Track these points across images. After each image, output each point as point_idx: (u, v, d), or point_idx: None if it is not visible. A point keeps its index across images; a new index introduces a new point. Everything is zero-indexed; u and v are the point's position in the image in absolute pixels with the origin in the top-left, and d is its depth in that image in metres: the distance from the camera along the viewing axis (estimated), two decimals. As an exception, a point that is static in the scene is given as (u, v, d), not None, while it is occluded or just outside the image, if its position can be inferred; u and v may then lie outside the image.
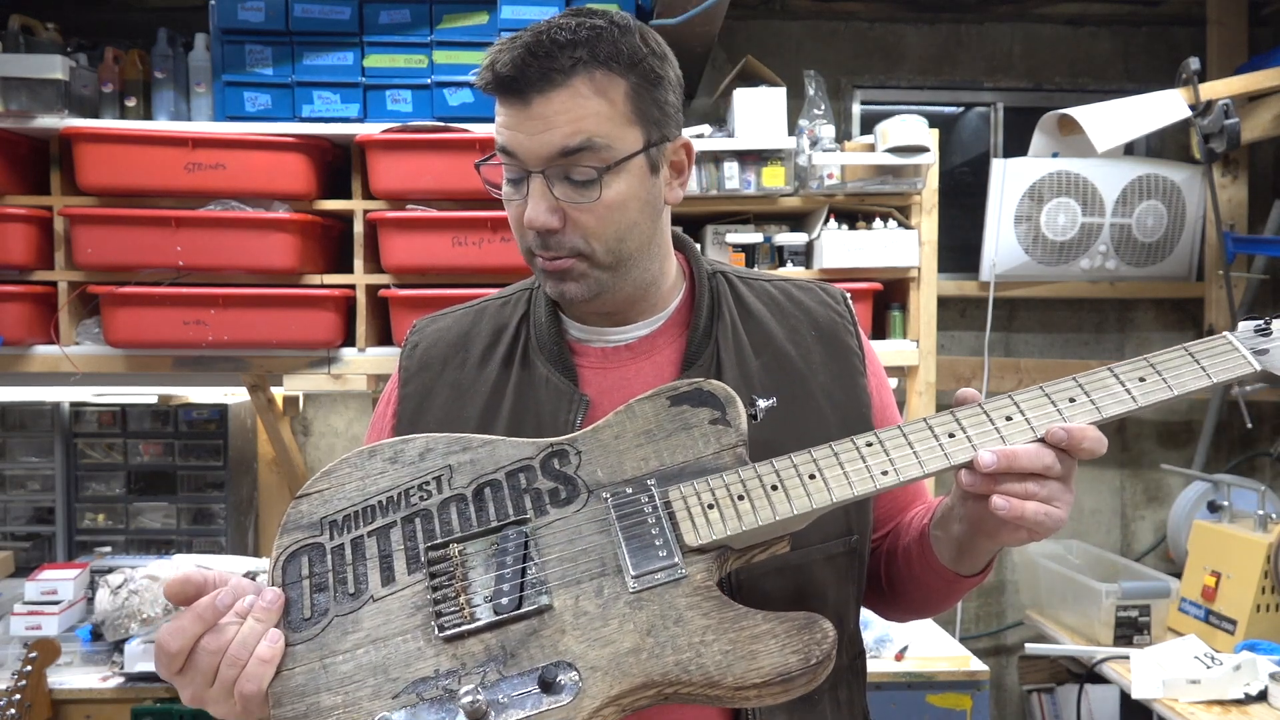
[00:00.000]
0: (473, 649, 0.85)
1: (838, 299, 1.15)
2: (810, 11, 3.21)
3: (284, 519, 0.93)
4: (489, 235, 2.39)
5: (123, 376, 2.59)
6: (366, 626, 0.87)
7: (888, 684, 2.28)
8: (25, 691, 2.07)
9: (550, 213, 0.97)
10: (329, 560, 0.90)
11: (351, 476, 0.95)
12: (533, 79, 0.95)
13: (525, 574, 0.87)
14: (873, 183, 2.61)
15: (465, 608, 0.86)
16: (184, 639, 0.83)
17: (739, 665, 0.82)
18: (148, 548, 2.84)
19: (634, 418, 0.96)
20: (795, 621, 0.84)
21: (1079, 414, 0.90)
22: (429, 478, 0.94)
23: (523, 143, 0.96)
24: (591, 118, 0.95)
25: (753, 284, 1.14)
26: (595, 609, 0.86)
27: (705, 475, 0.91)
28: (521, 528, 0.90)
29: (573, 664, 0.83)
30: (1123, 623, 2.54)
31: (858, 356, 1.11)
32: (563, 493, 0.92)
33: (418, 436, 0.97)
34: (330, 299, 2.42)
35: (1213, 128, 2.77)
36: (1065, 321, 3.32)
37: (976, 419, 0.90)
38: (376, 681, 0.84)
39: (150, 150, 2.35)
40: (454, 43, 2.48)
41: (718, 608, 0.85)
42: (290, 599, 0.88)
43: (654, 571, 0.86)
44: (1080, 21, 3.28)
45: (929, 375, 2.66)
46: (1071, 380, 0.92)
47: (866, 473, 0.89)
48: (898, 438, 0.90)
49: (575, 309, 1.09)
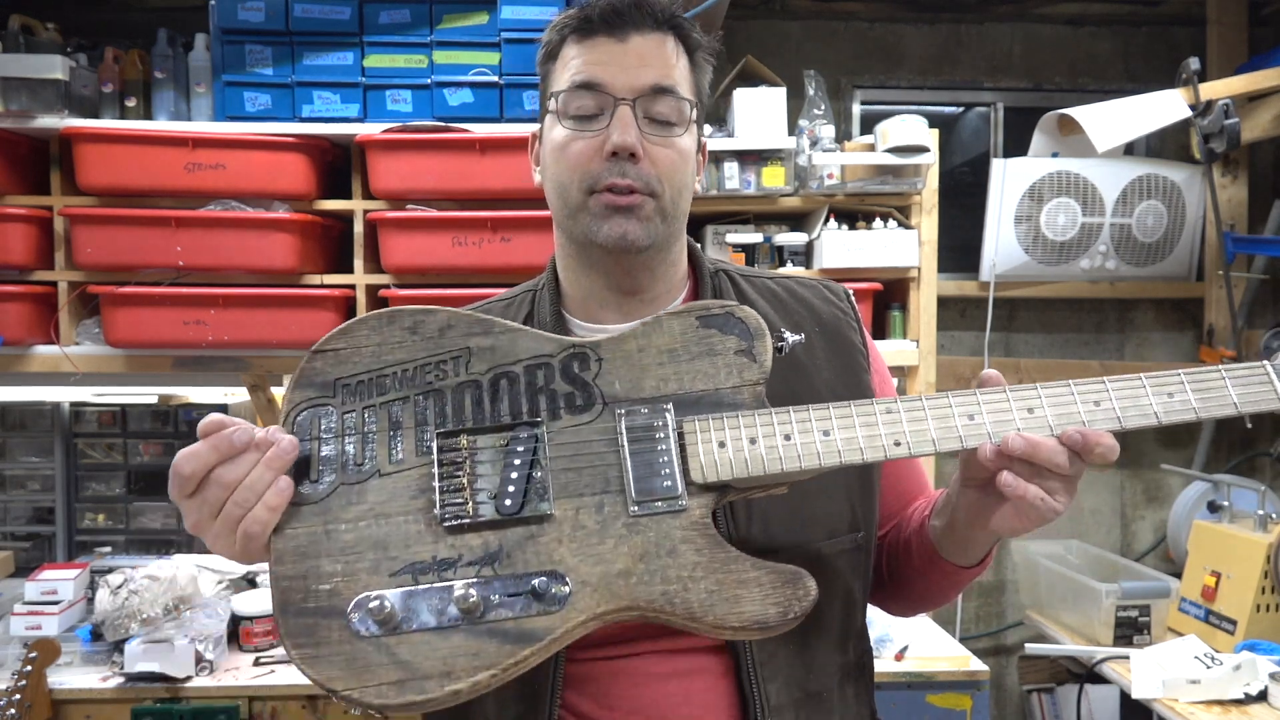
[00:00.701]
0: (471, 542, 0.87)
1: (841, 295, 1.15)
2: (810, 11, 3.21)
3: (297, 373, 0.93)
4: (489, 235, 2.39)
5: (123, 376, 2.59)
6: (370, 500, 0.88)
7: (888, 684, 2.28)
8: (25, 691, 2.07)
9: (637, 139, 1.00)
10: (339, 425, 0.91)
11: (369, 340, 0.94)
12: (633, 19, 1.02)
13: (531, 477, 0.89)
14: (873, 183, 2.61)
15: (469, 501, 0.88)
16: (197, 464, 0.85)
17: (721, 606, 0.85)
18: (148, 548, 2.84)
19: (660, 332, 0.95)
20: (781, 574, 0.86)
21: (1100, 419, 0.89)
22: (447, 356, 0.94)
23: (615, 74, 1.00)
24: (676, 69, 1.03)
25: (755, 281, 1.15)
26: (593, 524, 0.88)
27: (721, 410, 0.91)
28: (534, 430, 0.91)
29: (565, 576, 0.86)
30: (1123, 623, 2.54)
31: (861, 353, 1.11)
32: (578, 399, 0.92)
33: (440, 310, 0.96)
34: (330, 299, 2.42)
35: (1213, 128, 2.77)
36: (1065, 321, 3.32)
37: (999, 405, 0.90)
38: (375, 556, 0.86)
39: (150, 150, 2.35)
40: (454, 43, 2.48)
41: (710, 546, 0.87)
42: (300, 455, 0.89)
43: (656, 499, 0.88)
44: (1080, 21, 3.28)
45: (929, 375, 2.66)
46: (1102, 383, 0.90)
47: (879, 439, 0.89)
48: (918, 410, 0.90)
49: (581, 304, 1.09)
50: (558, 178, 1.03)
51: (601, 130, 1.00)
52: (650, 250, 1.03)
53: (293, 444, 0.87)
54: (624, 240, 1.01)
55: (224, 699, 2.20)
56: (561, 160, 1.03)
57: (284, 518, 0.87)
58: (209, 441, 0.85)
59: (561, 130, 1.02)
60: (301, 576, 0.85)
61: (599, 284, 1.07)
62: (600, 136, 1.00)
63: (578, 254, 1.07)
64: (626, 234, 1.00)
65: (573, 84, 1.01)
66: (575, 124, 1.02)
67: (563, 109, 1.02)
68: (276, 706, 2.22)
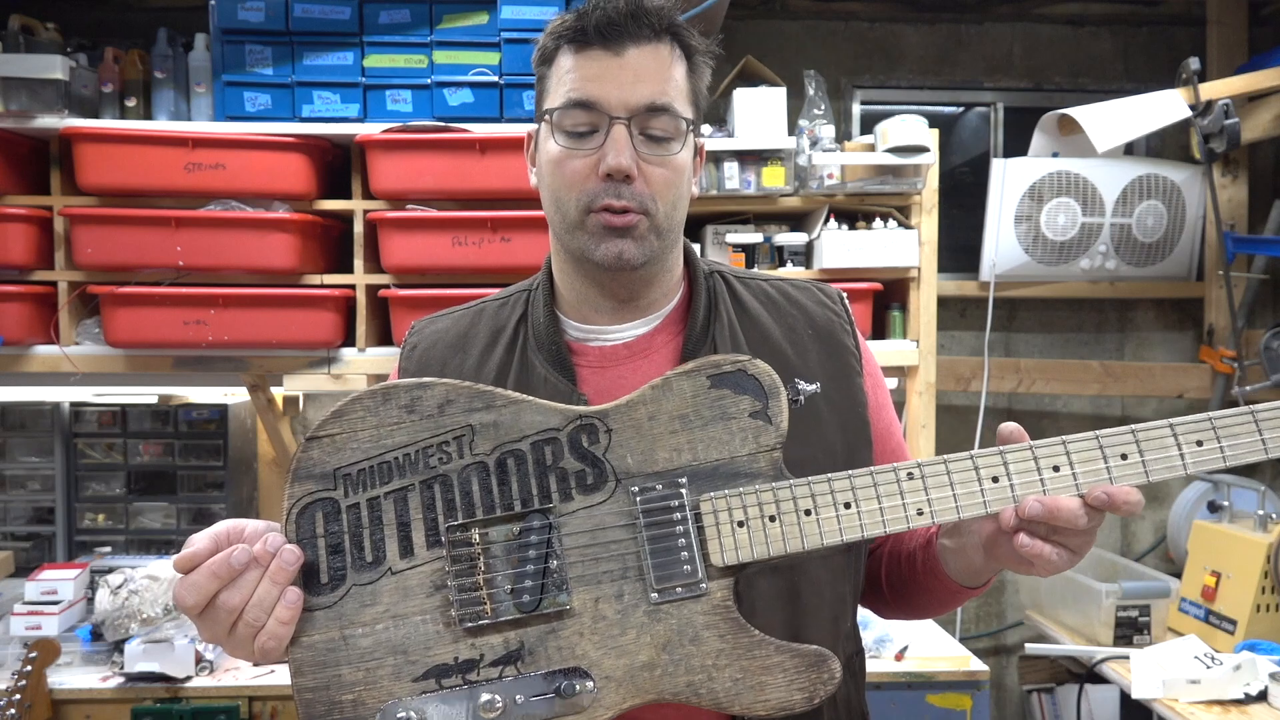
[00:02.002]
0: (491, 640, 0.86)
1: (834, 298, 1.15)
2: (810, 11, 3.21)
3: (294, 463, 0.90)
4: (489, 235, 2.39)
5: (123, 376, 2.59)
6: (385, 601, 0.87)
7: (888, 684, 2.28)
8: (25, 691, 2.07)
9: (632, 159, 0.99)
10: (344, 520, 0.89)
11: (365, 423, 0.90)
12: (630, 30, 0.99)
13: (547, 570, 0.88)
14: (873, 183, 2.61)
15: (486, 602, 0.87)
16: (199, 595, 0.83)
17: (747, 695, 0.85)
18: (148, 548, 2.84)
19: (670, 396, 0.91)
20: (805, 657, 0.86)
21: (1128, 474, 0.86)
22: (449, 437, 0.90)
23: (610, 91, 0.99)
24: (673, 82, 1.02)
25: (749, 283, 1.14)
26: (614, 614, 0.87)
27: (739, 481, 0.89)
28: (546, 518, 0.89)
29: (588, 672, 0.85)
30: (1123, 623, 2.54)
31: (854, 356, 1.11)
32: (589, 477, 0.90)
33: (436, 382, 0.92)
34: (330, 299, 2.42)
35: (1213, 128, 2.77)
36: (1065, 321, 3.32)
37: (1024, 465, 0.87)
38: (396, 662, 0.85)
39: (150, 150, 2.35)
40: (454, 43, 2.48)
41: (733, 631, 0.87)
42: (306, 560, 0.87)
43: (676, 585, 0.87)
44: (1080, 21, 3.28)
45: (929, 375, 2.66)
46: (1129, 433, 0.87)
47: (902, 510, 0.88)
48: (941, 475, 0.88)
49: (575, 306, 1.09)
50: (554, 193, 1.04)
51: (596, 148, 1.00)
52: (646, 266, 1.04)
53: (295, 555, 0.85)
54: (620, 260, 1.01)
55: (224, 699, 2.20)
56: (558, 176, 1.02)
57: (299, 626, 0.85)
58: (207, 569, 0.83)
59: (556, 145, 1.02)
60: (324, 688, 0.84)
61: (594, 293, 1.08)
62: (595, 156, 1.00)
63: (573, 264, 1.07)
64: (622, 254, 1.01)
65: (568, 100, 1.00)
66: (570, 140, 1.01)
67: (557, 124, 1.02)
68: (276, 706, 2.22)
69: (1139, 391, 3.21)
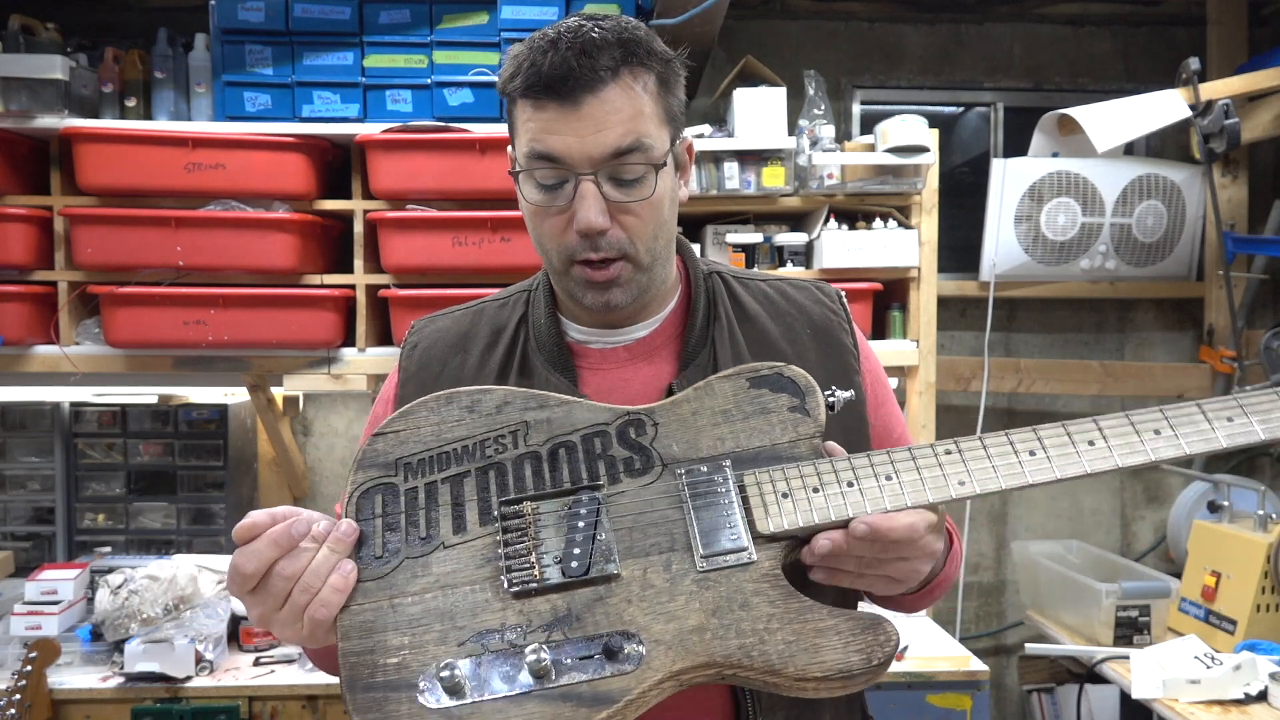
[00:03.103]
0: (539, 607, 0.86)
1: (833, 297, 1.15)
2: (810, 11, 3.21)
3: (359, 455, 0.94)
4: (489, 235, 2.39)
5: (123, 376, 2.59)
6: (436, 572, 0.88)
7: (888, 684, 2.28)
8: (25, 691, 2.07)
9: (602, 214, 0.97)
10: (402, 502, 0.92)
11: (428, 420, 0.96)
12: (584, 79, 0.93)
13: (595, 539, 0.88)
14: (873, 183, 2.61)
15: (535, 566, 0.87)
16: (259, 562, 0.85)
17: (802, 657, 0.83)
18: (148, 548, 2.84)
19: (712, 395, 0.96)
20: (860, 621, 0.85)
21: (1162, 446, 0.89)
22: (505, 431, 0.95)
23: (572, 145, 0.95)
24: (638, 117, 0.97)
25: (748, 284, 1.15)
26: (662, 583, 0.87)
27: (781, 463, 0.92)
28: (595, 493, 0.91)
29: (637, 635, 0.84)
30: (1123, 623, 2.54)
31: (853, 354, 1.11)
32: (637, 463, 0.93)
33: (497, 389, 0.98)
34: (330, 299, 2.42)
35: (1213, 128, 2.77)
36: (1065, 321, 3.32)
37: (1059, 440, 0.90)
38: (443, 627, 0.86)
39: (150, 150, 2.35)
40: (454, 43, 2.48)
41: (784, 597, 0.86)
42: (363, 535, 0.89)
43: (723, 553, 0.88)
44: (1080, 21, 3.28)
45: (929, 375, 2.66)
46: (1158, 412, 0.90)
47: (943, 480, 0.89)
48: (977, 449, 0.90)
49: (582, 313, 1.09)
50: (537, 241, 1.04)
51: (567, 204, 0.98)
52: (640, 298, 1.05)
53: (352, 527, 0.88)
54: (608, 308, 1.03)
55: (224, 699, 2.20)
56: (537, 230, 1.03)
57: (349, 596, 0.87)
58: (268, 537, 0.85)
59: (530, 198, 1.01)
60: (369, 652, 0.85)
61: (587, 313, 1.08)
62: (568, 212, 0.98)
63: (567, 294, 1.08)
64: (609, 302, 1.02)
65: (531, 154, 0.97)
66: (540, 194, 0.99)
67: (525, 175, 1.00)
68: (276, 706, 2.22)
69: (1139, 391, 3.21)
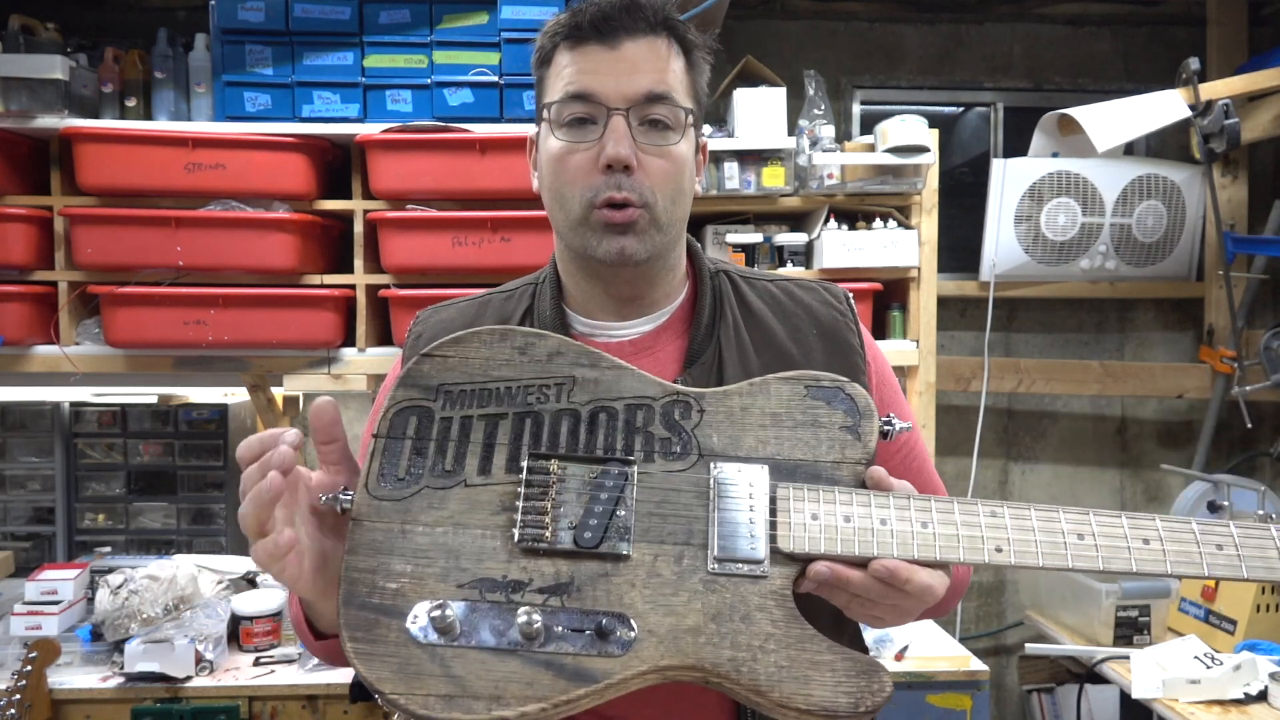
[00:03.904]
0: (543, 568, 0.86)
1: (840, 298, 1.15)
2: (810, 11, 3.21)
3: (403, 371, 0.94)
4: (489, 235, 2.39)
5: (123, 376, 2.59)
6: (451, 507, 0.88)
7: (888, 684, 2.28)
8: (25, 691, 2.07)
9: (630, 149, 0.99)
10: (434, 429, 0.92)
11: (479, 353, 0.95)
12: (625, 24, 1.00)
13: (614, 515, 0.88)
14: (873, 183, 2.61)
15: (549, 527, 0.87)
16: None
17: (790, 685, 0.83)
18: (148, 548, 2.84)
19: (767, 395, 0.95)
20: (858, 664, 0.84)
21: (1221, 564, 0.85)
22: (551, 382, 0.94)
23: (607, 83, 0.99)
24: (670, 73, 1.02)
25: (755, 283, 1.15)
26: (670, 574, 0.86)
27: (819, 483, 0.90)
28: (625, 468, 0.90)
29: (632, 621, 0.84)
30: (1123, 623, 2.54)
31: (859, 355, 1.11)
32: (675, 446, 0.92)
33: (553, 336, 0.96)
34: (330, 299, 2.42)
35: (1213, 128, 2.77)
36: (1065, 321, 3.32)
37: (1113, 532, 0.87)
38: (446, 564, 0.86)
39: (150, 150, 2.35)
40: (454, 43, 2.48)
41: (787, 619, 0.85)
42: (389, 452, 0.90)
43: (738, 561, 0.87)
44: (1080, 21, 3.28)
45: (929, 375, 2.66)
46: (1229, 528, 0.86)
47: (980, 543, 0.86)
48: (1025, 520, 0.87)
49: (580, 302, 1.09)
50: (556, 190, 1.03)
51: (596, 141, 1.00)
52: (649, 261, 1.04)
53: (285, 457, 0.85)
54: (622, 256, 1.01)
55: (224, 699, 2.20)
56: (559, 173, 1.02)
57: (367, 510, 0.87)
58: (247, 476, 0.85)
59: (556, 141, 1.02)
60: (371, 571, 0.85)
61: (599, 291, 1.08)
62: (595, 149, 1.00)
63: (578, 263, 1.08)
64: (624, 250, 1.01)
65: (565, 94, 1.00)
66: (569, 134, 1.01)
67: (556, 119, 1.02)
68: (276, 706, 2.22)
69: (1139, 391, 3.21)
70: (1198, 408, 3.30)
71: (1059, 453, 3.35)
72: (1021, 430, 3.35)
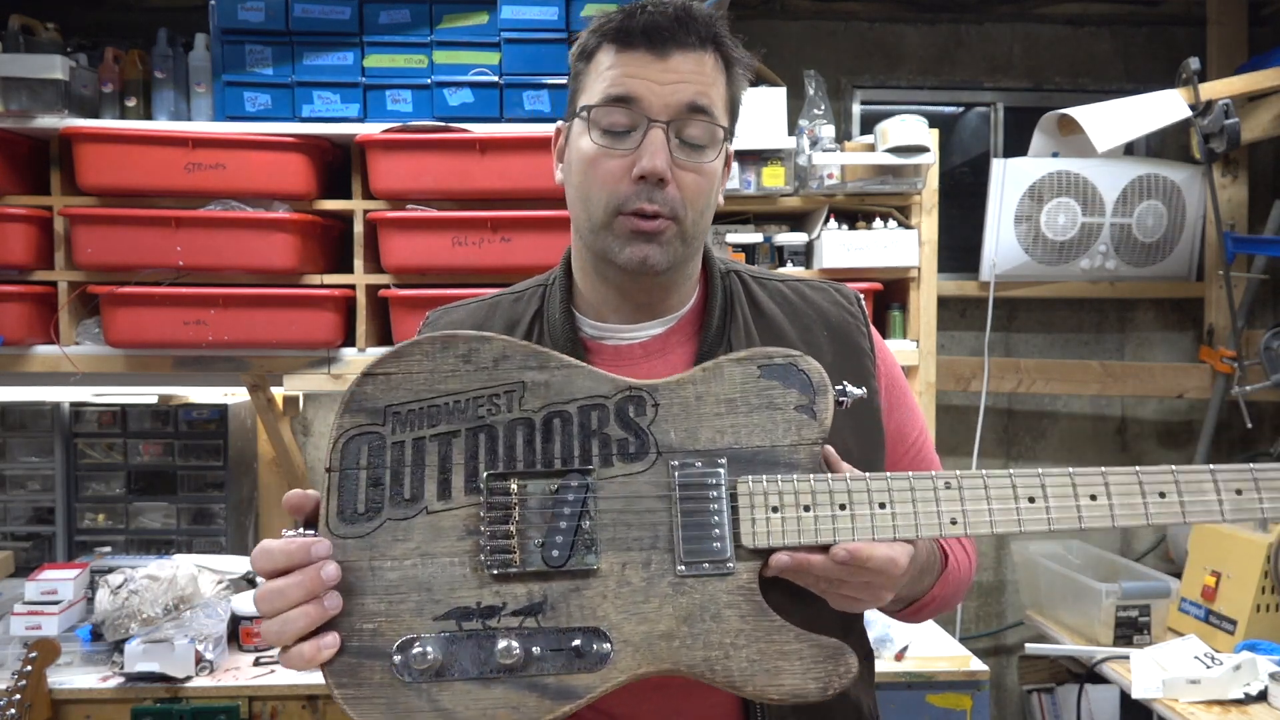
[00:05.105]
0: (515, 590, 0.87)
1: (851, 299, 1.15)
2: (810, 11, 3.21)
3: (347, 396, 0.92)
4: (489, 235, 2.39)
5: (123, 376, 2.59)
6: (417, 539, 0.88)
7: (888, 684, 2.28)
8: (25, 691, 2.07)
9: (666, 162, 0.98)
10: (388, 456, 0.90)
11: (422, 366, 0.93)
12: (675, 36, 0.99)
13: (579, 528, 0.89)
14: (873, 183, 2.61)
15: (517, 551, 0.88)
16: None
17: (761, 677, 0.86)
18: (148, 548, 2.84)
19: (720, 380, 0.94)
20: (824, 648, 0.87)
21: (1163, 513, 0.89)
22: (500, 390, 0.92)
23: (652, 91, 0.98)
24: (713, 88, 1.01)
25: (766, 284, 1.14)
26: (639, 582, 0.88)
27: (777, 470, 0.91)
28: (585, 479, 0.90)
29: (608, 634, 0.86)
30: (1123, 623, 2.54)
31: (869, 357, 1.11)
32: (631, 446, 0.91)
33: (495, 338, 0.94)
34: (330, 299, 2.42)
35: (1213, 128, 2.77)
36: (1065, 321, 3.32)
37: (1062, 490, 0.89)
38: (420, 598, 0.86)
39: (150, 150, 2.35)
40: (454, 43, 2.48)
41: (755, 613, 0.88)
42: (345, 486, 0.89)
43: (704, 561, 0.88)
44: (1080, 21, 3.28)
45: (929, 375, 2.66)
46: (1170, 474, 0.89)
47: (936, 518, 0.89)
48: (978, 489, 0.90)
49: (592, 305, 1.09)
50: (584, 191, 1.03)
51: (631, 150, 0.99)
52: (668, 272, 1.04)
53: (333, 574, 0.86)
54: (644, 265, 1.01)
55: (224, 699, 2.20)
56: (589, 175, 1.02)
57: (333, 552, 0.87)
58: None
59: (590, 143, 1.01)
60: (345, 614, 0.85)
61: (613, 295, 1.08)
62: (630, 157, 0.99)
63: (595, 265, 1.07)
64: (647, 259, 1.00)
65: (607, 97, 1.00)
66: (605, 139, 1.00)
67: (594, 120, 1.01)
68: (276, 706, 2.22)
69: (1139, 391, 3.21)
70: (1198, 408, 3.30)
71: (1059, 453, 3.35)
72: (1021, 430, 3.35)
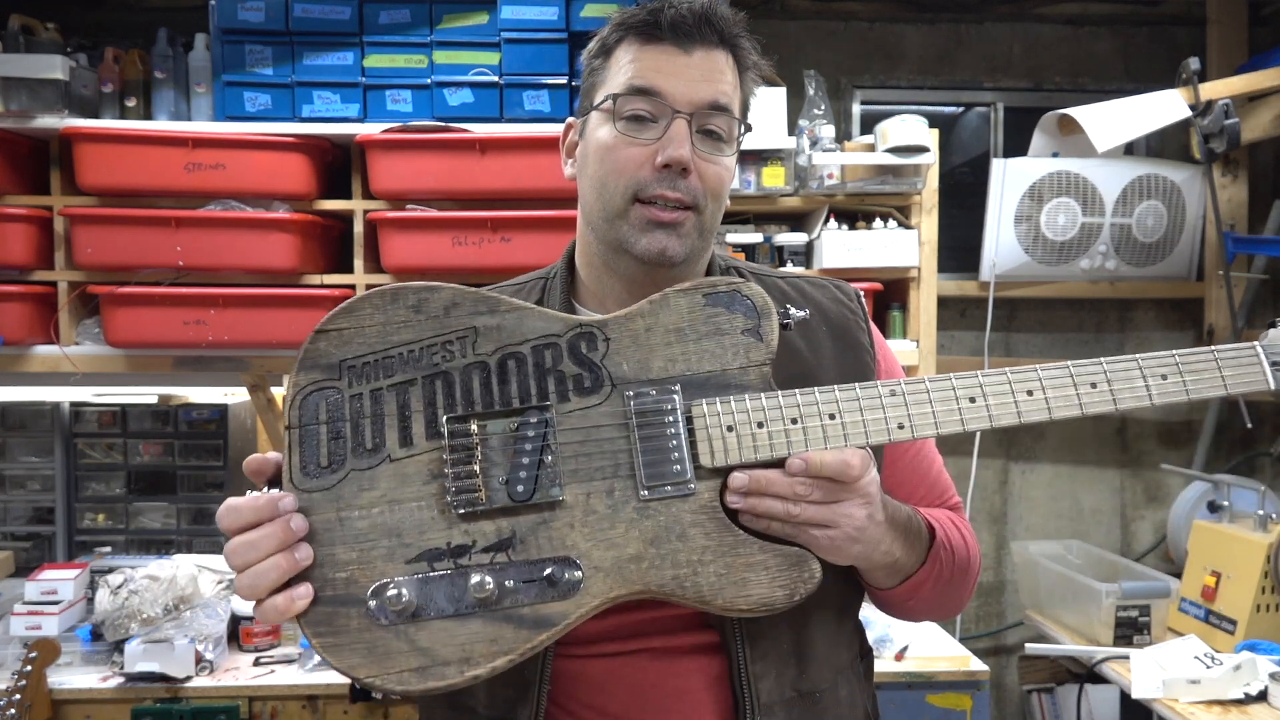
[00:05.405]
0: (484, 528, 0.89)
1: (850, 296, 1.15)
2: (810, 11, 3.21)
3: (301, 353, 0.92)
4: (489, 235, 2.39)
5: (123, 376, 2.59)
6: (382, 486, 0.89)
7: (888, 684, 2.28)
8: (25, 691, 2.07)
9: (690, 154, 1.00)
10: (347, 409, 0.91)
11: (373, 319, 0.94)
12: (701, 33, 1.02)
13: (541, 463, 0.90)
14: (873, 183, 2.61)
15: (482, 489, 0.89)
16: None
17: (730, 590, 0.88)
18: (148, 548, 2.84)
19: (668, 310, 0.96)
20: (787, 557, 0.89)
21: (1097, 402, 0.93)
22: (453, 337, 0.93)
23: (677, 85, 1.00)
24: (732, 90, 1.05)
25: (766, 280, 1.15)
26: (604, 509, 0.89)
27: (729, 392, 0.93)
28: (543, 414, 0.91)
29: (577, 561, 0.88)
30: (1123, 623, 2.54)
31: (869, 353, 1.11)
32: (586, 381, 0.93)
33: (444, 286, 0.95)
34: (330, 299, 2.42)
35: (1213, 128, 2.77)
36: (1065, 321, 3.32)
37: (999, 388, 0.93)
38: (390, 544, 0.88)
39: (150, 150, 2.35)
40: (454, 43, 2.48)
41: (719, 529, 0.90)
42: (306, 442, 0.90)
43: (666, 484, 0.90)
44: (1080, 21, 3.28)
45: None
46: (1100, 365, 0.94)
47: (884, 423, 0.92)
48: (921, 393, 0.93)
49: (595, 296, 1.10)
50: (601, 179, 1.03)
51: (654, 139, 1.00)
52: (683, 265, 1.04)
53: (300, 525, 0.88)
54: (662, 256, 1.01)
55: (224, 699, 2.20)
56: (608, 162, 1.02)
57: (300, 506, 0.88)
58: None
59: (611, 131, 1.01)
60: (318, 565, 0.87)
61: (619, 287, 1.07)
62: (652, 146, 1.00)
63: (605, 256, 1.07)
64: (666, 249, 1.01)
65: (631, 87, 1.01)
66: (628, 127, 1.01)
67: (617, 110, 1.01)
68: (276, 706, 2.22)
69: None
70: (1198, 408, 3.30)
71: (1059, 452, 3.35)
72: (1021, 430, 3.35)
